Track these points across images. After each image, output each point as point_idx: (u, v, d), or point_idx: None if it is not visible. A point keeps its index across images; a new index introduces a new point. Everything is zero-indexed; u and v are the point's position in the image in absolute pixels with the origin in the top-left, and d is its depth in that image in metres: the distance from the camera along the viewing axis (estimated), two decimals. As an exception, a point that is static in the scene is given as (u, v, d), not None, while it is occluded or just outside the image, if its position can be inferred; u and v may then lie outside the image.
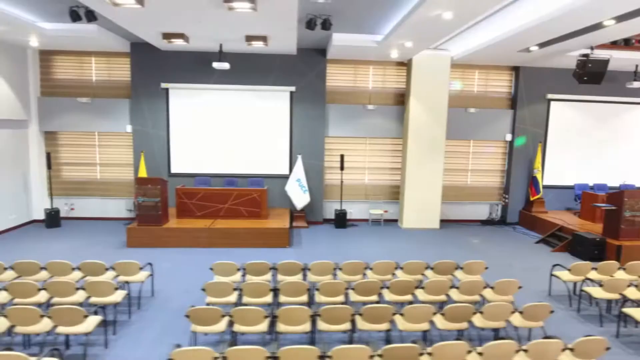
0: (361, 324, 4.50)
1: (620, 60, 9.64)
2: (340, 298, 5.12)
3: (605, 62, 7.99)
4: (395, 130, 10.72)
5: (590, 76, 8.08)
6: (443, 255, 8.16)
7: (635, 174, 11.26)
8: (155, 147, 10.18)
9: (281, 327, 4.41)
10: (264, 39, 8.39)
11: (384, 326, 4.51)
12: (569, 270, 6.07)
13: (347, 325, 4.48)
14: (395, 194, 11.02)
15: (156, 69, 9.94)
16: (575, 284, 6.36)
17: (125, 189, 10.49)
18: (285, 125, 10.37)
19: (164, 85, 9.97)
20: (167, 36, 8.27)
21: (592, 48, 8.08)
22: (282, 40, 8.61)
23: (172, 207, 9.50)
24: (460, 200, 11.23)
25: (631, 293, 5.47)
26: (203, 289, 4.99)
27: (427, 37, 7.77)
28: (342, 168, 10.31)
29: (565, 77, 10.35)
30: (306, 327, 4.42)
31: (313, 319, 4.47)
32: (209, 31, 8.01)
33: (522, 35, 7.48)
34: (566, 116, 10.98)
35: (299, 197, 10.05)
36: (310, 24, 7.28)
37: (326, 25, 7.31)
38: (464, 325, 4.59)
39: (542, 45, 8.22)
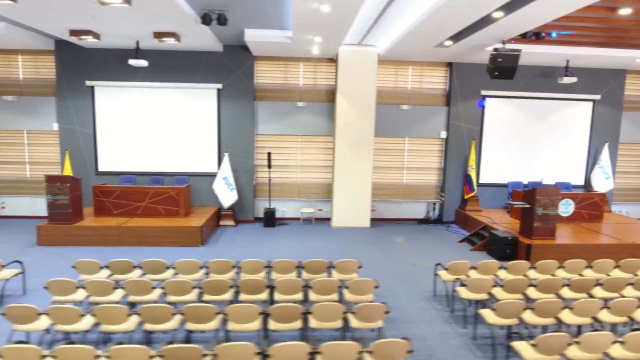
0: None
1: (553, 55, 9.47)
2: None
3: (516, 57, 7.79)
4: (328, 127, 10.58)
5: (502, 71, 7.88)
6: (353, 255, 8.04)
7: (570, 172, 11.01)
8: (82, 145, 10.13)
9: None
10: (174, 35, 8.31)
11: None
12: (446, 269, 5.92)
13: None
14: (330, 192, 10.88)
15: (81, 66, 9.88)
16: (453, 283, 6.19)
17: (55, 187, 10.45)
18: (213, 123, 10.27)
19: (89, 83, 9.91)
20: (75, 33, 8.22)
21: (503, 42, 7.87)
22: (196, 36, 8.53)
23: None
24: (397, 199, 11.05)
25: (498, 293, 5.30)
26: (45, 287, 4.91)
27: (330, 31, 7.62)
28: (269, 166, 10.19)
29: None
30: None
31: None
32: (114, 28, 7.94)
33: (422, 30, 7.32)
34: (502, 113, 10.76)
35: (226, 195, 9.94)
36: (205, 19, 7.17)
37: (221, 20, 7.19)
38: (296, 325, 4.46)
39: (453, 39, 8.05)
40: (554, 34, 7.71)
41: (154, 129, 10.21)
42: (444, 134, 10.78)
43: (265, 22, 8.09)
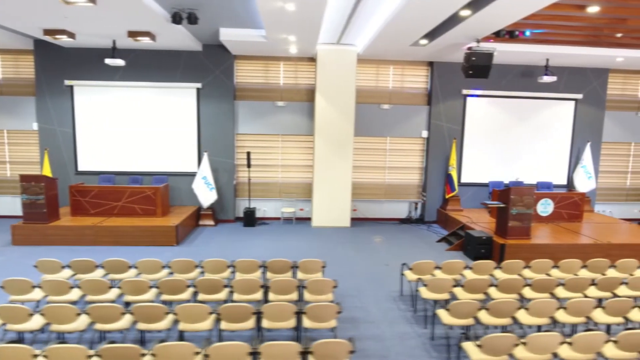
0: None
1: (532, 54, 9.43)
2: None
3: (490, 55, 7.74)
4: (308, 127, 10.55)
5: (476, 70, 7.83)
6: (328, 254, 8.02)
7: (553, 171, 10.96)
8: (62, 145, 10.12)
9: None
10: (148, 34, 8.29)
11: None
12: (410, 269, 5.88)
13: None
14: (311, 192, 10.84)
15: (60, 66, 9.87)
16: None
17: (36, 187, 10.44)
18: (192, 122, 10.25)
19: (67, 82, 9.90)
20: (49, 32, 8.20)
21: (477, 41, 7.83)
22: (171, 35, 8.51)
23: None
24: (378, 199, 11.02)
25: (459, 293, 5.26)
26: (2, 287, 4.89)
27: (302, 30, 7.59)
28: (249, 165, 10.17)
29: (479, 72, 10.09)
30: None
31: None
32: (87, 27, 7.93)
33: (394, 28, 7.29)
34: (483, 112, 10.71)
35: (205, 195, 9.92)
36: (175, 18, 7.14)
37: (192, 19, 7.17)
38: (248, 324, 4.44)
39: (428, 38, 8.01)
40: (527, 33, 7.67)
41: (133, 129, 10.20)
42: (425, 134, 10.74)
43: (239, 21, 8.08)
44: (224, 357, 3.58)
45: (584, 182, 10.67)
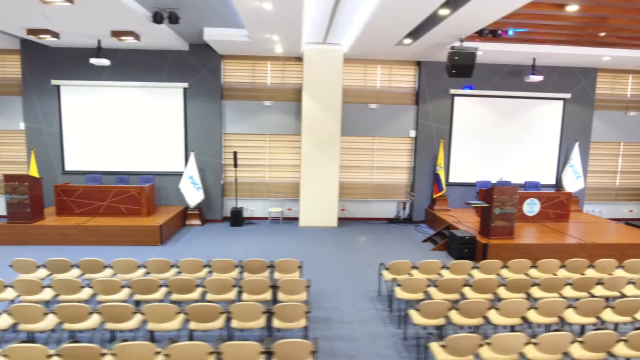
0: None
1: (518, 54, 9.41)
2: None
3: (472, 55, 7.72)
4: (296, 126, 10.53)
5: (459, 69, 7.81)
6: (312, 254, 8.02)
7: (541, 171, 10.93)
8: (49, 144, 10.12)
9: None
10: (132, 34, 8.28)
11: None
12: (387, 269, 5.87)
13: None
14: (299, 191, 10.82)
15: (47, 66, 9.87)
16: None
17: (24, 186, 10.45)
18: (179, 122, 10.24)
19: (54, 82, 9.90)
20: (33, 32, 8.20)
21: (461, 40, 7.81)
22: (156, 35, 8.49)
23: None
24: (366, 198, 11.00)
25: (433, 293, 5.25)
26: (-27, 287, 4.89)
27: (283, 29, 7.58)
28: (235, 165, 10.15)
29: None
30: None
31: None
32: (70, 27, 7.93)
33: (375, 27, 7.27)
34: (471, 112, 10.69)
35: (192, 194, 9.91)
36: (156, 18, 7.14)
37: (173, 18, 7.16)
38: (216, 324, 4.42)
39: (412, 37, 7.99)
40: (511, 32, 7.64)
41: (120, 129, 10.19)
42: (413, 133, 10.72)
43: (223, 20, 8.06)
44: (186, 357, 3.58)
45: (573, 182, 10.64)
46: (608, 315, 4.73)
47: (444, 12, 6.26)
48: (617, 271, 6.18)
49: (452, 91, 10.48)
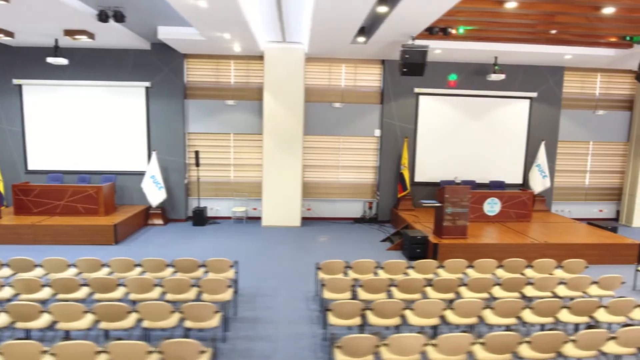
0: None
1: (480, 52, 9.34)
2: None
3: (423, 53, 7.65)
4: (260, 126, 10.47)
5: (410, 67, 7.74)
6: (262, 253, 7.99)
7: (508, 170, 10.84)
8: (11, 143, 10.11)
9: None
10: (85, 33, 8.24)
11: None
12: (319, 269, 5.81)
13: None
14: (264, 191, 10.79)
15: (7, 65, 9.85)
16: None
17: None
18: (142, 121, 10.21)
19: (16, 81, 9.89)
20: (-15, 31, 8.20)
21: (413, 38, 7.74)
22: (111, 34, 8.45)
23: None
24: (332, 198, 10.94)
25: (360, 293, 5.19)
26: None
27: (230, 27, 7.52)
28: (197, 164, 10.12)
29: (432, 71, 9.93)
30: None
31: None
32: (20, 25, 7.91)
33: (322, 26, 7.22)
34: (437, 111, 10.60)
35: (154, 194, 9.88)
36: (102, 16, 7.10)
37: (118, 17, 7.12)
38: (126, 324, 4.39)
39: (365, 36, 7.94)
40: (461, 30, 7.58)
41: (82, 128, 10.17)
42: (378, 132, 10.65)
43: (176, 19, 8.01)
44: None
45: (539, 182, 10.54)
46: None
47: (382, 9, 6.19)
48: (556, 271, 6.11)
49: (417, 90, 10.41)
